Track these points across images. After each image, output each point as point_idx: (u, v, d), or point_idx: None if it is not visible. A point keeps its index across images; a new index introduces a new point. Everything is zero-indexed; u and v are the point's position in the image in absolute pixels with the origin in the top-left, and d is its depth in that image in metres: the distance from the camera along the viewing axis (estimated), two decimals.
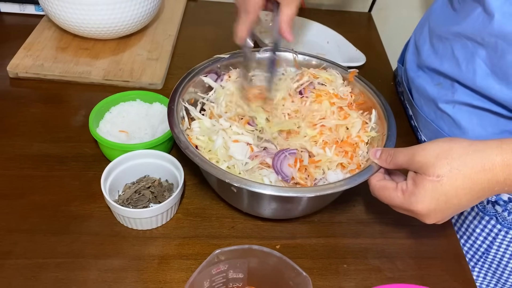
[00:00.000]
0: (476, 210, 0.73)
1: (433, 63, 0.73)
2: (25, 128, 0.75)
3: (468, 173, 0.50)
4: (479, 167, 0.50)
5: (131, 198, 0.64)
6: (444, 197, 0.51)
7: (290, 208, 0.63)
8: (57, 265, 0.58)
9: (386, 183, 0.57)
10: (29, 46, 0.88)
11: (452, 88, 0.70)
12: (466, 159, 0.50)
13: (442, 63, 0.71)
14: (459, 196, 0.51)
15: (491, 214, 0.72)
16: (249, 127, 0.64)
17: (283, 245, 0.64)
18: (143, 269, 0.59)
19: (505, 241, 0.73)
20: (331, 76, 0.72)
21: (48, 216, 0.63)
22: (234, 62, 0.74)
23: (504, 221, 0.71)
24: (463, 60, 0.66)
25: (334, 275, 0.62)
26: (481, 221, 0.74)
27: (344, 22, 1.11)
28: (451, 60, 0.69)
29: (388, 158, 0.57)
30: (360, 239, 0.66)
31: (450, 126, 0.72)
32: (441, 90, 0.72)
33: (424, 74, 0.76)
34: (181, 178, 0.63)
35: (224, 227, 0.65)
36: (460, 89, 0.68)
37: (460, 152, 0.51)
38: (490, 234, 0.74)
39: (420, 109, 0.77)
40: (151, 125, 0.72)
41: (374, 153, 0.60)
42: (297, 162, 0.60)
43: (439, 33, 0.72)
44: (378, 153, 0.59)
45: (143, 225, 0.63)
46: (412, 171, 0.54)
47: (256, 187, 0.55)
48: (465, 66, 0.66)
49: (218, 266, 0.47)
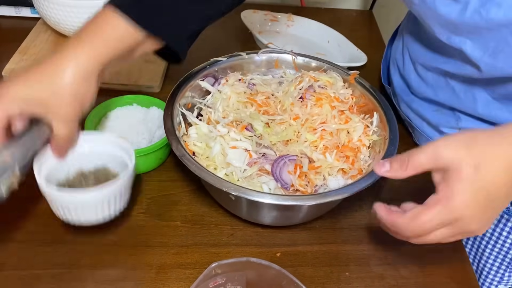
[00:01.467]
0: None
1: (425, 93, 0.69)
2: None
3: (503, 159, 0.45)
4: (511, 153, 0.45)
5: (72, 184, 0.59)
6: (485, 191, 0.45)
7: (290, 215, 0.61)
8: (53, 276, 0.57)
9: (414, 211, 0.48)
10: (24, 50, 0.87)
11: (454, 115, 0.67)
12: (495, 145, 0.45)
13: (436, 93, 0.67)
14: (499, 187, 0.45)
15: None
16: (247, 133, 0.62)
17: (283, 252, 0.63)
18: (140, 280, 0.58)
19: None
20: (331, 79, 0.70)
21: (43, 225, 0.62)
22: (232, 65, 0.72)
23: None
24: (460, 89, 0.63)
25: (336, 283, 0.60)
26: (506, 223, 0.71)
27: (344, 21, 1.10)
28: (446, 90, 0.65)
29: (404, 164, 0.49)
30: (362, 245, 0.65)
31: None
32: (442, 116, 0.68)
33: (418, 100, 0.72)
34: (132, 161, 0.57)
35: (223, 235, 0.64)
36: (464, 117, 0.65)
37: (487, 138, 0.46)
38: (499, 225, 0.72)
39: (420, 129, 0.74)
40: (148, 130, 0.71)
41: (381, 166, 0.51)
42: (297, 169, 0.59)
43: (425, 64, 0.68)
44: (387, 164, 0.51)
45: (83, 214, 0.55)
46: (438, 171, 0.47)
47: (255, 195, 0.53)
48: (463, 94, 0.63)
49: (215, 280, 0.46)
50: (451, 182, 0.45)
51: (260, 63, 0.74)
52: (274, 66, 0.75)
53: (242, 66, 0.73)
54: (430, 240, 0.48)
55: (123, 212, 0.64)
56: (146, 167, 0.69)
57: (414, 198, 0.71)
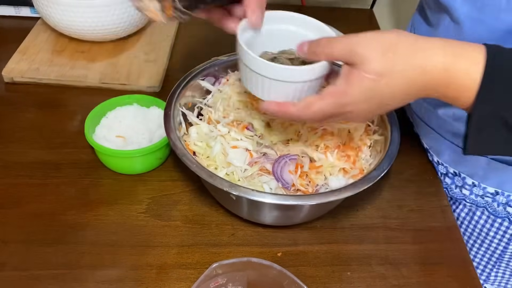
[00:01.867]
0: (487, 213, 0.71)
1: None
2: (20, 135, 0.73)
3: (409, 74, 0.45)
4: (420, 69, 0.45)
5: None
6: (379, 99, 0.47)
7: (291, 215, 0.61)
8: (53, 276, 0.57)
9: (307, 100, 0.49)
10: (24, 49, 0.87)
11: None
12: (410, 58, 0.45)
13: None
14: (395, 98, 0.47)
15: (503, 216, 0.70)
16: (248, 133, 0.62)
17: (284, 252, 0.63)
18: (141, 280, 0.58)
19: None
20: None
21: (44, 226, 0.62)
22: (233, 65, 0.72)
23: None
24: None
25: (337, 283, 0.60)
26: (493, 223, 0.72)
27: (345, 20, 1.09)
28: None
29: (319, 48, 0.49)
30: (364, 245, 0.65)
31: (450, 134, 0.70)
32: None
33: None
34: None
35: (224, 235, 0.64)
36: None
37: (406, 49, 0.45)
38: (505, 236, 0.72)
39: (419, 117, 0.75)
40: (149, 129, 0.71)
41: (301, 47, 0.51)
42: (297, 168, 0.58)
43: None
44: (305, 46, 0.50)
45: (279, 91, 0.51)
46: (348, 64, 0.47)
47: (255, 195, 0.53)
48: None
49: (216, 280, 0.46)
50: (351, 81, 0.46)
51: None
52: None
53: None
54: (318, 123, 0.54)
55: (123, 212, 0.65)
56: (147, 167, 0.69)
57: (415, 198, 0.72)
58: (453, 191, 0.74)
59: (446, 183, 0.75)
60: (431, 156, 0.76)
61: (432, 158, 0.76)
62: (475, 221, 0.74)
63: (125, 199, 0.66)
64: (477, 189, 0.70)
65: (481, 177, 0.69)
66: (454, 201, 0.76)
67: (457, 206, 0.75)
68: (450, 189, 0.74)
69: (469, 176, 0.70)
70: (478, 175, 0.69)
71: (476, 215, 0.73)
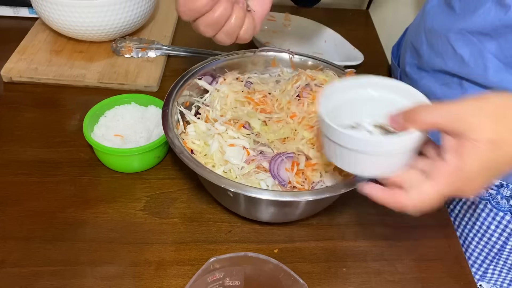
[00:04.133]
0: (490, 206, 0.72)
1: (436, 63, 0.71)
2: (19, 133, 0.74)
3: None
4: None
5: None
6: (495, 169, 0.42)
7: (288, 212, 0.62)
8: (52, 273, 0.58)
9: (421, 189, 0.44)
10: (23, 49, 0.87)
11: (461, 88, 0.67)
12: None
13: (446, 63, 0.69)
14: (510, 163, 0.42)
15: (505, 210, 0.71)
16: (245, 131, 0.63)
17: (281, 249, 0.63)
18: (139, 276, 0.58)
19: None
20: (328, 77, 0.71)
21: (43, 223, 0.63)
22: (230, 64, 0.73)
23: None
24: (469, 57, 0.64)
25: (333, 279, 0.61)
26: (495, 217, 0.72)
27: (341, 20, 1.10)
28: (455, 58, 0.67)
29: (418, 116, 0.43)
30: (359, 241, 0.65)
31: None
32: (448, 90, 0.70)
33: (428, 75, 0.74)
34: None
35: (222, 232, 0.64)
36: (471, 88, 0.66)
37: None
38: (506, 230, 0.72)
39: None
40: (147, 128, 0.71)
41: (395, 118, 0.45)
42: (294, 166, 0.59)
43: (437, 32, 0.70)
44: (400, 115, 0.45)
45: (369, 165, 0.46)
46: (453, 134, 0.42)
47: (252, 191, 0.54)
48: (473, 63, 0.64)
49: (214, 274, 0.47)
50: (464, 154, 0.41)
51: (258, 62, 0.75)
52: (271, 65, 0.76)
53: (240, 65, 0.74)
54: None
55: (121, 210, 0.65)
56: (145, 165, 0.70)
57: None
58: None
59: None
60: None
61: None
62: (478, 214, 0.74)
63: (124, 197, 0.67)
64: None
65: None
66: None
67: (460, 199, 0.75)
68: None
69: None
70: None
71: (478, 207, 0.74)
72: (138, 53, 0.88)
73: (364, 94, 0.52)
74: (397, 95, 0.50)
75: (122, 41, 0.89)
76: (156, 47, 0.89)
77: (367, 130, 0.51)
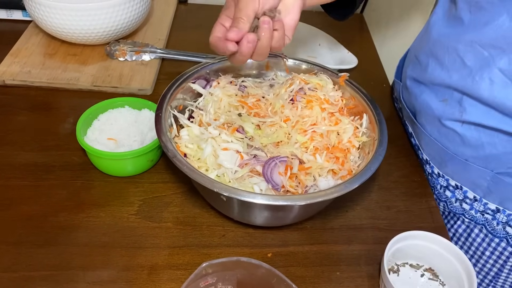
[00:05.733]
0: (485, 231, 0.71)
1: (439, 76, 0.69)
2: (12, 137, 0.74)
3: None
4: None
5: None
6: None
7: (281, 216, 0.62)
8: (44, 278, 0.57)
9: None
10: (16, 52, 0.87)
11: (460, 106, 0.66)
12: None
13: (450, 76, 0.67)
14: None
15: (501, 236, 0.70)
16: (239, 135, 0.63)
17: (274, 253, 0.63)
18: (132, 281, 0.58)
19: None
20: (322, 81, 0.71)
21: (35, 227, 0.62)
22: (224, 68, 0.73)
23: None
24: (477, 70, 0.63)
25: (327, 283, 0.61)
26: (490, 243, 0.72)
27: (335, 24, 1.10)
28: (462, 71, 0.65)
29: None
30: (353, 245, 0.65)
31: (456, 145, 0.69)
32: (446, 107, 0.68)
33: (428, 90, 0.72)
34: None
35: (215, 236, 0.64)
36: (470, 108, 0.65)
37: None
38: (501, 257, 0.72)
39: (422, 127, 0.74)
40: (140, 132, 0.71)
41: None
42: (287, 170, 0.59)
43: (444, 44, 0.68)
44: None
45: None
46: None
47: (246, 196, 0.54)
48: (479, 77, 0.63)
49: (206, 279, 0.46)
50: None
51: (251, 65, 0.75)
52: (265, 68, 0.76)
53: (234, 69, 0.74)
54: None
55: (115, 214, 0.65)
56: (138, 169, 0.70)
57: (403, 199, 0.73)
58: (453, 205, 0.74)
59: (446, 196, 0.74)
60: (430, 168, 0.76)
61: (431, 171, 0.75)
62: (472, 239, 0.73)
63: (117, 201, 0.67)
64: (478, 204, 0.70)
65: (484, 191, 0.69)
66: (452, 216, 0.75)
67: (455, 222, 0.75)
68: (450, 202, 0.74)
69: (471, 190, 0.70)
70: (481, 189, 0.69)
71: (473, 232, 0.73)
72: (132, 57, 0.88)
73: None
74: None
75: (116, 44, 0.89)
76: (150, 50, 0.89)
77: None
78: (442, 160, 0.72)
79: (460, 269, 0.59)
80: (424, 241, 0.62)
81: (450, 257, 0.61)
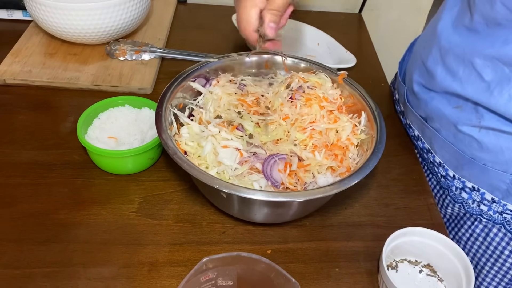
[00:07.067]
0: (504, 230, 0.70)
1: (450, 86, 0.67)
2: (13, 136, 0.74)
3: None
4: None
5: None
6: None
7: (281, 212, 0.62)
8: (45, 274, 0.58)
9: None
10: (16, 52, 0.88)
11: (476, 113, 0.65)
12: None
13: (464, 87, 0.65)
14: None
15: (498, 223, 0.70)
16: (238, 133, 0.63)
17: (274, 249, 0.64)
18: (133, 277, 0.59)
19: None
20: (320, 80, 0.71)
21: (37, 225, 0.63)
22: (223, 66, 0.73)
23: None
24: (496, 85, 0.61)
25: (326, 279, 0.61)
26: (509, 242, 0.70)
27: (334, 24, 1.11)
28: (478, 84, 0.63)
29: None
30: (352, 242, 0.66)
31: (473, 150, 0.67)
32: (462, 113, 0.67)
33: (439, 96, 0.70)
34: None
35: (215, 233, 0.65)
36: (487, 115, 0.64)
37: None
38: (501, 244, 0.71)
39: (437, 131, 0.72)
40: (140, 130, 0.72)
41: None
42: (286, 167, 0.60)
43: (458, 56, 0.66)
44: None
45: None
46: None
47: (245, 192, 0.54)
48: (497, 92, 0.61)
49: (206, 274, 0.47)
50: None
51: (251, 64, 0.76)
52: (264, 67, 0.76)
53: (233, 67, 0.75)
54: None
55: (115, 211, 0.65)
56: (138, 167, 0.70)
57: (401, 196, 0.73)
58: (470, 206, 0.72)
59: (462, 198, 0.73)
60: (444, 170, 0.74)
61: (446, 173, 0.74)
62: (491, 238, 0.72)
63: (117, 199, 0.67)
64: (497, 205, 0.69)
65: (503, 193, 0.67)
66: (468, 217, 0.74)
67: (472, 222, 0.73)
68: (467, 204, 0.73)
69: (489, 192, 0.69)
70: (500, 191, 0.67)
71: (492, 231, 0.71)
72: (132, 56, 0.89)
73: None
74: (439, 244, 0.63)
75: (116, 44, 0.89)
76: (150, 49, 0.90)
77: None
78: (459, 164, 0.71)
79: (458, 265, 0.60)
80: (422, 238, 0.63)
81: (448, 253, 0.61)
